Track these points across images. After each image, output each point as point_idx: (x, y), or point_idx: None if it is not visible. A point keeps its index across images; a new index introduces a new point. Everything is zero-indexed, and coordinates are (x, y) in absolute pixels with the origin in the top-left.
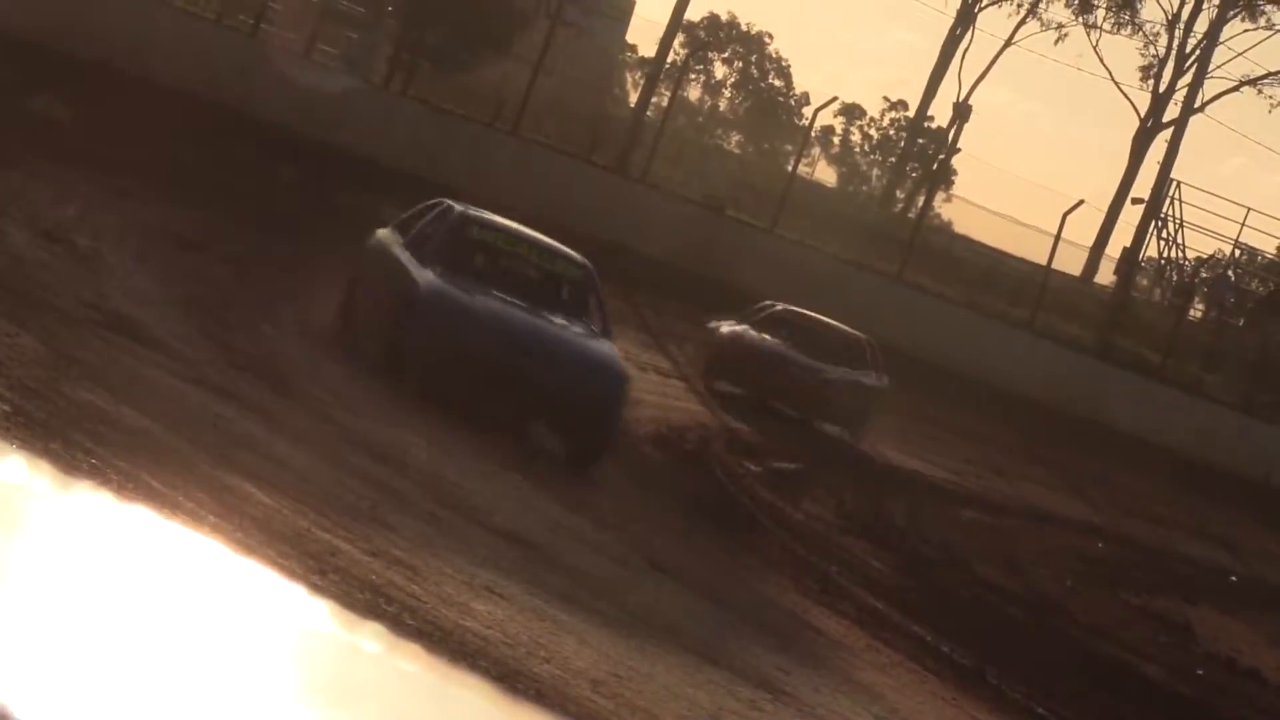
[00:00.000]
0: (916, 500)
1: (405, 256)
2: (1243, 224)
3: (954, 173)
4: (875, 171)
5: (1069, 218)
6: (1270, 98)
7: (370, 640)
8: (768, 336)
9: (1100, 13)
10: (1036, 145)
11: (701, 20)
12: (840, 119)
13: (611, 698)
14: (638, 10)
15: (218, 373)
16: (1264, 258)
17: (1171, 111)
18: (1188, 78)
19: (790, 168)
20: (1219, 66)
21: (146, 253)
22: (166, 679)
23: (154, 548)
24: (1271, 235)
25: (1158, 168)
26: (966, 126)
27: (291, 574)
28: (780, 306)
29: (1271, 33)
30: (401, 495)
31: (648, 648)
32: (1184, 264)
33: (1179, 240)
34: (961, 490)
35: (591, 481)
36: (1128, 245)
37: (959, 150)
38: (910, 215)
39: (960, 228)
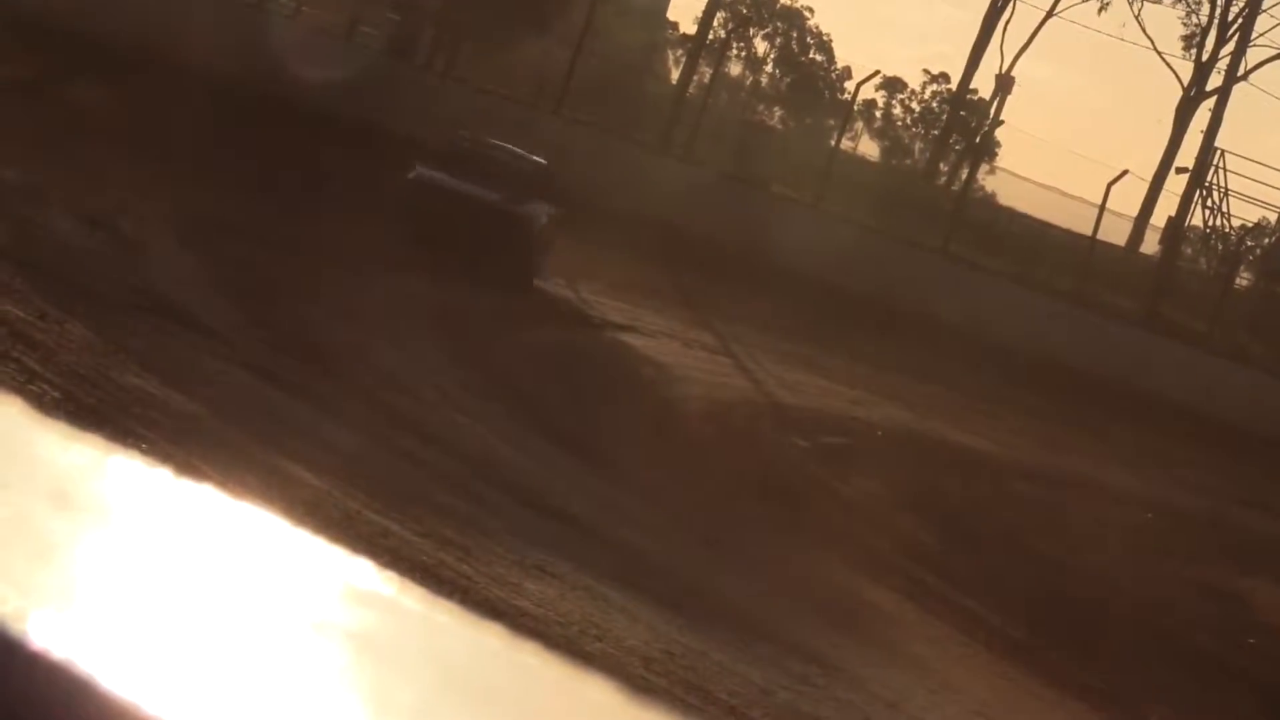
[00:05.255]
0: (966, 473)
1: None
2: None
3: (997, 145)
4: (918, 145)
5: (1113, 188)
6: None
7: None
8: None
9: None
10: (1080, 116)
11: None
12: (882, 93)
13: (664, 675)
14: None
15: (263, 357)
16: None
17: (1215, 80)
18: (1230, 46)
19: (833, 142)
20: (1262, 34)
21: (190, 238)
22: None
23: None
24: None
25: (1202, 137)
26: (1009, 98)
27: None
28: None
29: None
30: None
31: (699, 624)
32: (1230, 232)
33: (1224, 209)
34: (1011, 463)
35: (642, 461)
36: (1173, 215)
37: (1002, 122)
38: (954, 188)
39: (1004, 200)
